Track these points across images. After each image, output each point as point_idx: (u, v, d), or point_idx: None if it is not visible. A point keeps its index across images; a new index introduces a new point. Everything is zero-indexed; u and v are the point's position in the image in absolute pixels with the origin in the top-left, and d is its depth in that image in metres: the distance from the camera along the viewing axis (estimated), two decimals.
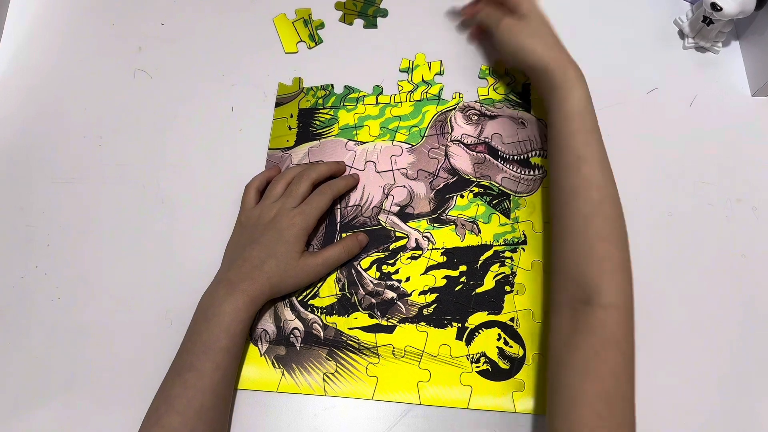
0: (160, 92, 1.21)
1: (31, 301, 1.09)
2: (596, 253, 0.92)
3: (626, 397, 0.85)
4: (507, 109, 1.19)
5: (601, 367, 0.85)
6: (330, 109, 1.21)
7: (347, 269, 1.09)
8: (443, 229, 1.12)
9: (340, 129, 1.20)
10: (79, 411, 1.03)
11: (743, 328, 1.06)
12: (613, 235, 0.93)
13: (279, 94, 1.23)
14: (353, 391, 1.02)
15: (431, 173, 1.15)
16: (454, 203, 1.13)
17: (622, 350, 0.87)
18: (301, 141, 1.19)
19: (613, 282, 0.90)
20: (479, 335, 1.05)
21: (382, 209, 1.13)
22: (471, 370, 1.03)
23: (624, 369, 0.86)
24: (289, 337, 1.05)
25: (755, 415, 1.01)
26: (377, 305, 1.07)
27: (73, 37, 1.29)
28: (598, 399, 0.83)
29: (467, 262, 1.09)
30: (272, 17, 1.29)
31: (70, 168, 1.18)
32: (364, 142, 1.19)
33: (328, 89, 1.23)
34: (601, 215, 0.94)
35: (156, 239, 1.13)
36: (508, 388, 1.01)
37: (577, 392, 0.84)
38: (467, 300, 1.07)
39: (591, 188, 0.96)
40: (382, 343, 1.04)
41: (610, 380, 0.84)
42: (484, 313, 1.06)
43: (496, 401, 1.01)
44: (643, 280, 1.05)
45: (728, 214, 1.13)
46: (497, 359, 1.03)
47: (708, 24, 1.18)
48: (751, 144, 1.18)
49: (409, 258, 1.10)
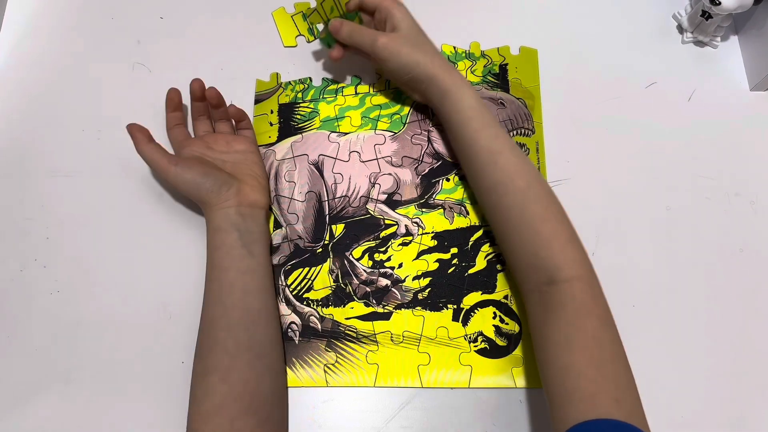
0: (158, 86, 1.20)
1: (30, 294, 1.09)
2: (542, 236, 0.94)
3: (615, 357, 0.86)
4: (486, 91, 1.20)
5: (581, 335, 0.86)
6: (310, 102, 1.21)
7: (340, 260, 1.10)
8: (432, 213, 1.12)
9: (321, 122, 1.19)
10: (78, 403, 1.03)
11: (741, 321, 1.06)
12: (550, 212, 0.95)
13: (257, 91, 1.22)
14: (355, 380, 1.02)
15: (416, 159, 1.15)
16: (440, 187, 1.14)
17: (596, 314, 0.88)
18: (284, 136, 1.19)
19: (568, 256, 0.92)
20: (475, 315, 1.06)
21: (369, 198, 1.13)
22: (469, 349, 1.04)
23: (604, 331, 0.87)
24: (287, 331, 1.06)
25: (755, 407, 1.01)
26: (372, 293, 1.07)
27: (72, 31, 1.29)
28: (588, 366, 0.84)
29: (458, 244, 1.10)
30: (271, 11, 1.29)
31: (69, 161, 1.18)
32: (347, 133, 1.18)
33: (306, 83, 1.23)
34: (533, 199, 0.96)
35: (155, 233, 1.13)
36: (507, 364, 1.03)
37: (566, 363, 0.85)
38: (461, 281, 1.08)
39: (515, 177, 0.97)
40: (379, 330, 1.05)
41: (594, 346, 0.85)
42: (478, 292, 1.07)
43: (496, 379, 1.02)
44: (641, 273, 1.08)
45: (726, 208, 1.13)
46: (494, 337, 1.04)
47: (707, 18, 1.18)
48: (749, 138, 1.18)
49: (400, 245, 1.10)
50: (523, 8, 1.28)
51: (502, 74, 1.21)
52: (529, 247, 0.95)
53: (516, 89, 1.19)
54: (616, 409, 0.80)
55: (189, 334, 0.99)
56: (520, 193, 0.96)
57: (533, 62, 1.22)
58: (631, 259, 1.09)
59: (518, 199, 0.96)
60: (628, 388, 0.84)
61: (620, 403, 0.81)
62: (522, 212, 0.96)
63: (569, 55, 1.24)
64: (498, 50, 1.22)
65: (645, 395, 0.87)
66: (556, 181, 1.13)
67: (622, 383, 0.84)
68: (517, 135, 1.16)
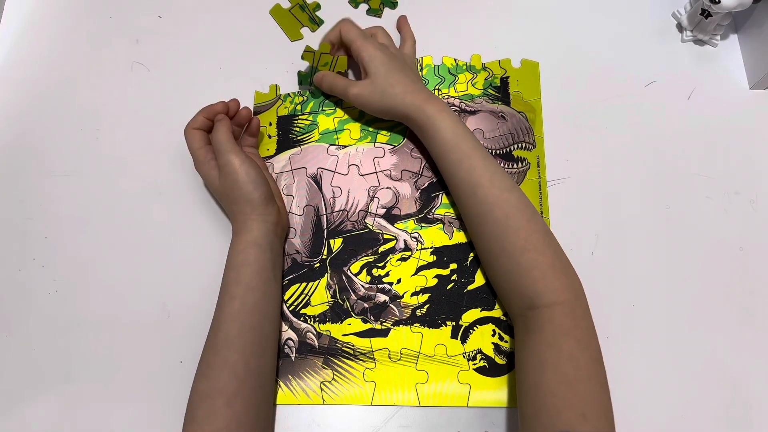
0: (157, 85, 1.21)
1: (29, 294, 1.10)
2: (522, 266, 0.95)
3: (590, 376, 0.87)
4: (486, 104, 1.19)
5: (556, 355, 0.87)
6: (309, 115, 1.20)
7: (338, 275, 1.09)
8: (431, 228, 1.12)
9: (320, 134, 1.19)
10: (77, 403, 1.04)
11: (741, 320, 1.06)
12: (530, 242, 0.95)
13: (256, 103, 1.22)
14: (351, 398, 1.02)
15: (415, 173, 1.15)
16: (440, 201, 1.13)
17: (574, 336, 0.89)
18: (282, 149, 1.18)
19: (548, 284, 0.93)
20: (474, 332, 1.05)
21: (368, 212, 1.13)
22: (468, 367, 1.03)
23: (581, 352, 0.88)
24: (283, 348, 1.05)
25: (755, 406, 1.02)
26: (370, 309, 1.07)
27: (70, 30, 1.28)
28: (559, 384, 0.85)
29: (457, 259, 1.10)
30: (268, 8, 1.28)
31: (68, 161, 1.18)
32: (346, 146, 1.18)
33: (306, 95, 1.22)
34: (512, 230, 0.96)
35: (153, 232, 1.13)
36: (506, 383, 1.03)
37: (537, 382, 0.87)
38: (460, 298, 1.07)
39: (493, 208, 0.98)
40: (377, 347, 1.05)
41: (568, 365, 0.86)
42: (477, 309, 1.07)
43: (494, 396, 1.02)
44: (641, 272, 1.08)
45: (726, 206, 1.13)
46: (493, 355, 1.04)
47: (706, 17, 1.17)
48: (749, 136, 1.18)
49: (398, 260, 1.10)
50: (524, 18, 1.27)
51: (503, 87, 1.20)
52: (510, 275, 0.97)
53: (517, 102, 1.19)
54: (581, 423, 0.81)
55: (188, 334, 1.00)
56: (498, 224, 0.97)
57: (535, 75, 1.21)
58: (630, 258, 1.10)
59: (497, 230, 0.97)
60: (598, 405, 0.85)
61: (587, 418, 0.82)
62: (502, 243, 0.97)
63: (569, 54, 1.23)
64: (499, 63, 1.21)
65: (645, 393, 0.89)
66: (556, 180, 1.13)
67: (592, 400, 0.85)
68: (517, 149, 1.15)
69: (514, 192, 0.99)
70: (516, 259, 0.95)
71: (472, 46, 1.23)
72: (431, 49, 1.22)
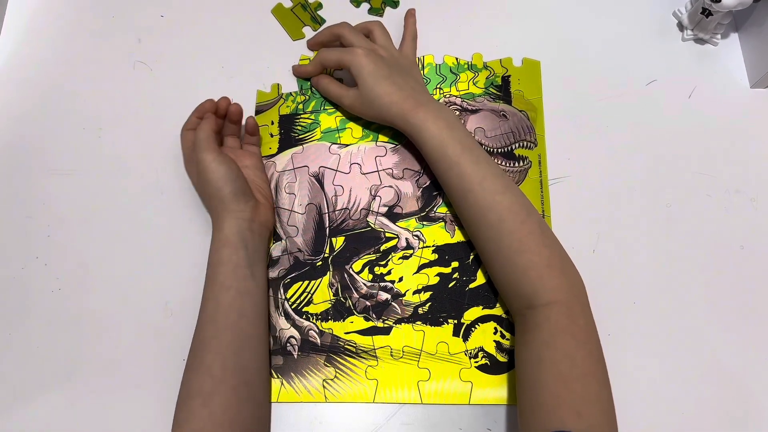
0: (159, 84, 1.21)
1: (32, 292, 1.10)
2: (518, 267, 0.96)
3: (587, 374, 0.87)
4: (488, 103, 1.19)
5: (553, 353, 0.88)
6: (311, 114, 1.20)
7: (340, 274, 1.09)
8: (433, 226, 1.12)
9: (322, 133, 1.19)
10: (79, 401, 1.04)
11: (741, 318, 1.07)
12: (525, 244, 0.96)
13: (258, 102, 1.22)
14: (353, 396, 1.03)
15: (417, 171, 1.15)
16: (441, 200, 1.13)
17: (571, 333, 0.90)
18: (284, 147, 1.18)
19: (544, 284, 0.94)
20: (476, 330, 1.06)
21: (370, 211, 1.13)
22: (470, 365, 1.04)
23: (579, 350, 0.89)
24: (285, 346, 1.06)
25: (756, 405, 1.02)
26: (372, 307, 1.07)
27: (72, 29, 1.28)
28: (555, 381, 0.86)
29: (459, 258, 1.10)
30: (269, 7, 1.28)
31: (70, 160, 1.18)
32: (348, 145, 1.18)
33: (308, 93, 1.22)
34: (506, 233, 0.97)
35: (156, 231, 1.13)
36: (508, 380, 1.03)
37: (534, 379, 0.88)
38: (461, 296, 1.08)
39: (486, 213, 0.99)
40: (379, 345, 1.05)
41: (565, 363, 0.87)
42: (479, 307, 1.07)
43: (496, 394, 1.02)
44: (642, 270, 1.08)
45: (727, 205, 1.13)
46: (495, 353, 1.04)
47: (707, 16, 1.17)
48: (749, 135, 1.18)
49: (400, 258, 1.10)
50: (525, 16, 1.27)
51: (504, 86, 1.20)
52: (508, 276, 0.97)
53: (518, 101, 1.19)
54: (576, 421, 0.81)
55: (190, 332, 0.99)
56: (492, 228, 0.98)
57: (536, 74, 1.21)
58: (631, 256, 1.10)
59: (492, 233, 0.98)
60: (595, 402, 0.85)
61: (582, 416, 0.82)
62: (497, 245, 0.98)
63: (570, 53, 1.23)
64: (501, 62, 1.21)
65: (645, 391, 0.89)
66: (557, 179, 1.14)
67: (589, 398, 0.85)
68: (519, 147, 1.15)
69: (507, 194, 0.99)
70: (512, 260, 0.96)
71: (474, 45, 1.23)
72: (433, 48, 1.22)
